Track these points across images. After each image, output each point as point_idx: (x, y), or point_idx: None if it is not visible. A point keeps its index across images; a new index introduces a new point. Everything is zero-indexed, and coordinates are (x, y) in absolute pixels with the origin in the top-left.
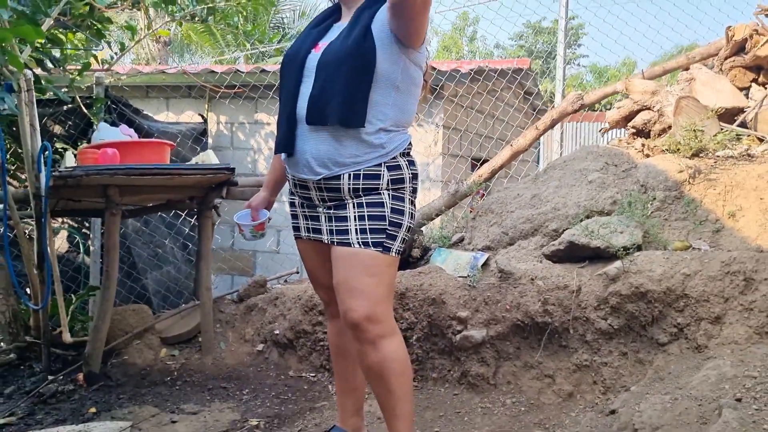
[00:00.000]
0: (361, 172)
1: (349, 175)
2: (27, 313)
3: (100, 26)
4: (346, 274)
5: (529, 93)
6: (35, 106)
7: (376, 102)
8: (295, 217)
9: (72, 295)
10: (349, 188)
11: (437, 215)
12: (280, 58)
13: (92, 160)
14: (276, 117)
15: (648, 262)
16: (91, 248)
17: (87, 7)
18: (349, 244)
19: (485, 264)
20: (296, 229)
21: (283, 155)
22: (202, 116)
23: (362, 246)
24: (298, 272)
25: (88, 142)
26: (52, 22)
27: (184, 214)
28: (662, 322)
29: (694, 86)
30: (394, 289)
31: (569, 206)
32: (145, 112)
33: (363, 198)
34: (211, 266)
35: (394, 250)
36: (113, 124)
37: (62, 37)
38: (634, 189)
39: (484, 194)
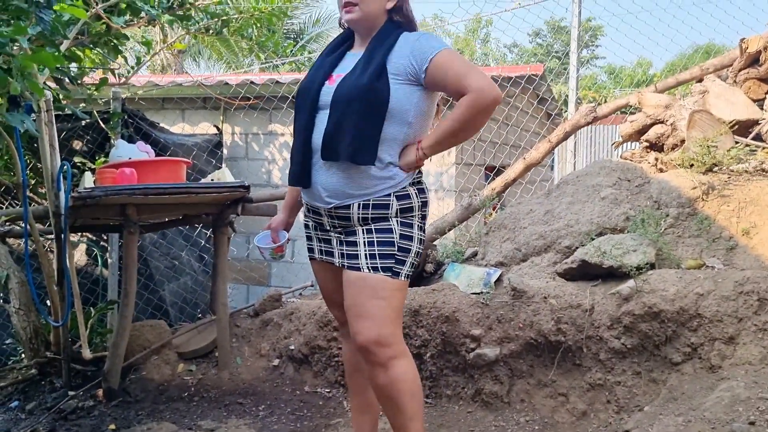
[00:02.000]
0: (371, 202)
1: (359, 204)
2: (47, 328)
3: (117, 42)
4: (356, 298)
5: (542, 99)
6: (54, 126)
7: (387, 138)
8: (309, 239)
9: (91, 308)
10: (358, 217)
11: (450, 229)
12: (294, 71)
13: (110, 180)
14: (290, 128)
15: (661, 281)
16: (109, 261)
17: (104, 26)
18: (358, 269)
19: (498, 280)
20: (310, 250)
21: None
22: (217, 127)
23: (371, 271)
24: (312, 285)
25: (106, 156)
26: (70, 41)
27: (200, 226)
28: (676, 341)
29: (708, 98)
30: (403, 312)
31: (582, 223)
32: (161, 125)
33: (372, 225)
34: (227, 281)
35: (403, 275)
36: (130, 138)
37: (80, 53)
38: (647, 205)
39: (497, 206)
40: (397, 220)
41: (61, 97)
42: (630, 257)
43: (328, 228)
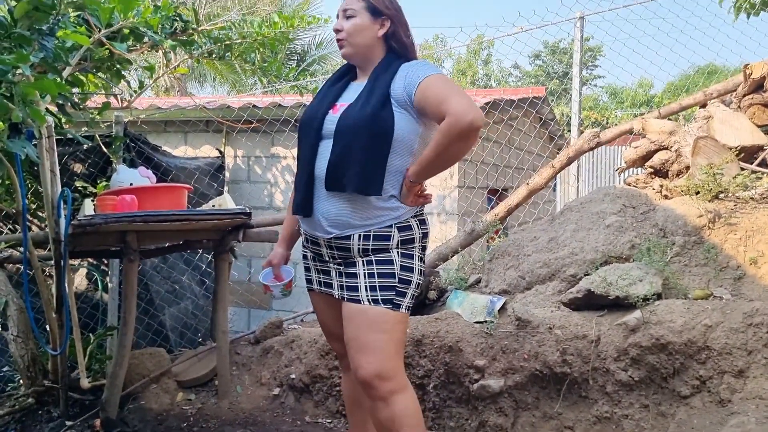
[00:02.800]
0: (371, 233)
1: (359, 235)
2: (46, 356)
3: (120, 67)
4: (356, 331)
5: (544, 121)
6: (55, 152)
7: (392, 169)
8: (307, 270)
9: (90, 334)
10: (358, 248)
11: (453, 255)
12: (296, 94)
13: (111, 207)
14: (292, 151)
15: (668, 312)
16: (110, 285)
17: (107, 51)
18: (358, 301)
19: (502, 308)
20: (309, 281)
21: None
22: (220, 151)
23: (372, 303)
24: (313, 306)
25: (108, 180)
26: (73, 67)
27: (201, 250)
28: (684, 374)
29: (712, 124)
30: (404, 344)
31: (587, 251)
32: (163, 149)
33: (372, 256)
34: (227, 308)
35: (404, 307)
36: (132, 162)
37: (82, 78)
38: (653, 233)
39: (499, 231)
40: (397, 252)
41: (63, 121)
42: (636, 287)
43: (327, 259)
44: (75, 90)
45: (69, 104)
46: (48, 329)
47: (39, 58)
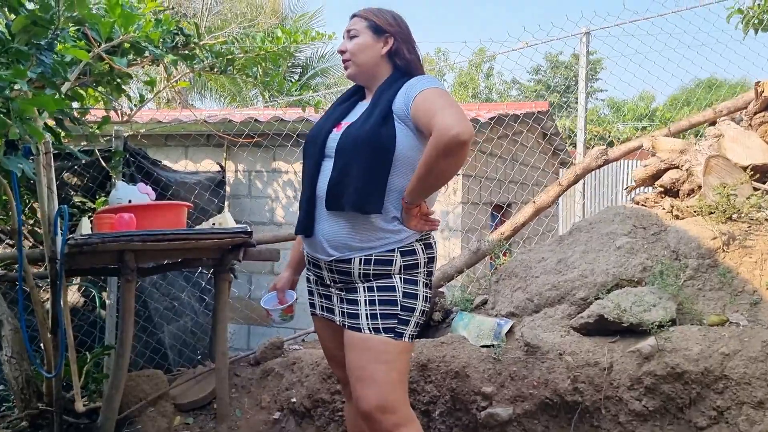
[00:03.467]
0: (373, 257)
1: (360, 259)
2: (40, 377)
3: (120, 81)
4: (358, 361)
5: (549, 134)
6: (53, 169)
7: (394, 188)
8: (310, 293)
9: (87, 353)
10: (359, 273)
11: (458, 274)
12: (297, 106)
13: (108, 226)
14: (294, 165)
15: (683, 339)
16: (107, 302)
17: (107, 66)
18: (359, 329)
19: (510, 332)
20: (312, 305)
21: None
22: (220, 165)
23: (373, 332)
24: (315, 331)
25: (107, 195)
26: (72, 82)
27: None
28: (701, 404)
29: (723, 142)
30: (408, 373)
31: (597, 273)
32: (163, 164)
33: (374, 282)
34: (227, 329)
35: (407, 336)
36: (131, 176)
37: (82, 92)
38: (665, 255)
39: (507, 253)
40: (400, 277)
41: (63, 135)
42: (650, 313)
43: (329, 283)
44: (75, 104)
45: (68, 119)
46: (43, 349)
47: (37, 73)
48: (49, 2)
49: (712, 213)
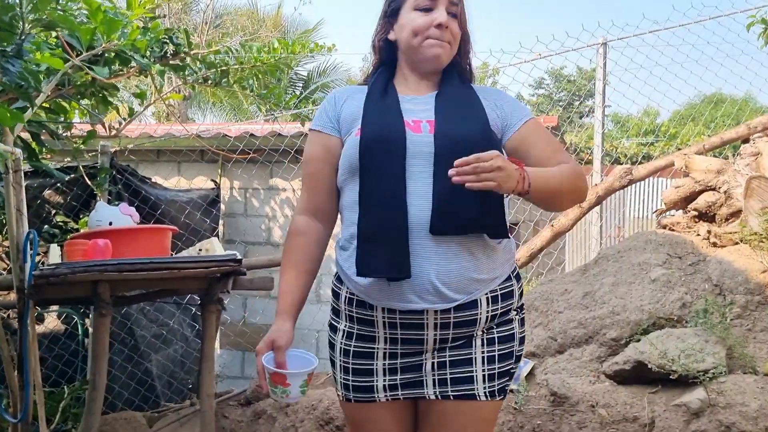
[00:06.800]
0: (498, 291)
1: (488, 298)
2: (6, 422)
3: (106, 92)
4: None
5: None
6: (23, 188)
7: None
8: (361, 372)
9: (65, 387)
10: (487, 317)
11: None
12: (296, 121)
13: (81, 254)
14: (292, 182)
15: (738, 391)
16: (90, 330)
17: (89, 77)
18: (473, 397)
19: (530, 373)
20: (364, 389)
21: (361, 279)
22: (215, 182)
23: (488, 397)
24: (355, 422)
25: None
26: (49, 94)
27: None
28: None
29: (762, 162)
30: None
31: (630, 310)
32: (153, 180)
33: (495, 331)
34: (214, 368)
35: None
36: (118, 194)
37: (65, 105)
38: (706, 289)
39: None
40: (518, 318)
41: (44, 151)
42: (697, 360)
43: (430, 346)
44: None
45: (49, 134)
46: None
47: (5, 82)
48: (11, 3)
49: (761, 243)
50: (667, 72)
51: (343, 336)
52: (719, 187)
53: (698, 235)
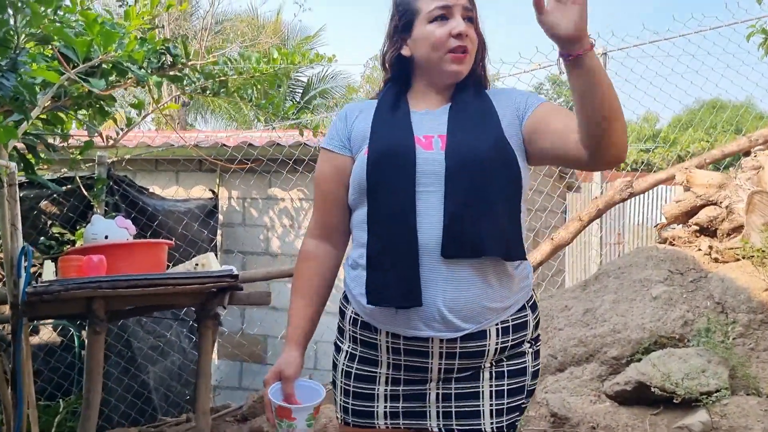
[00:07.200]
0: (510, 323)
1: (498, 329)
2: None
3: (103, 103)
4: None
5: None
6: (18, 203)
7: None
8: (362, 396)
9: (61, 400)
10: (496, 349)
11: None
12: (296, 131)
13: (75, 270)
14: (291, 192)
15: (741, 414)
16: (87, 341)
17: (85, 88)
18: None
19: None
20: (363, 414)
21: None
22: (213, 192)
23: None
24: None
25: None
26: (45, 106)
27: None
28: None
29: (763, 176)
30: None
31: (631, 328)
32: (150, 191)
33: (505, 364)
34: (210, 384)
35: None
36: (115, 205)
37: (63, 116)
38: (708, 306)
39: None
40: (532, 351)
41: (39, 161)
42: (700, 381)
43: (434, 375)
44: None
45: (44, 145)
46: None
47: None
48: (6, 19)
49: (765, 259)
50: (668, 82)
51: (345, 357)
52: (721, 202)
53: (699, 250)
